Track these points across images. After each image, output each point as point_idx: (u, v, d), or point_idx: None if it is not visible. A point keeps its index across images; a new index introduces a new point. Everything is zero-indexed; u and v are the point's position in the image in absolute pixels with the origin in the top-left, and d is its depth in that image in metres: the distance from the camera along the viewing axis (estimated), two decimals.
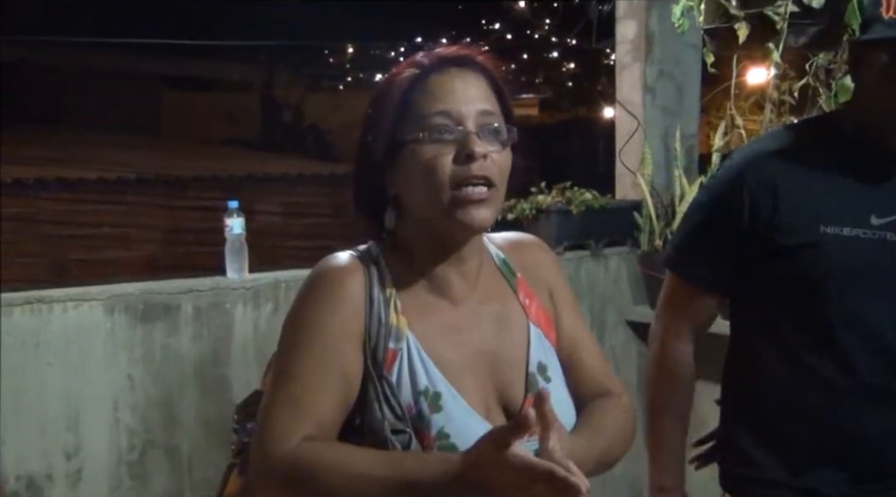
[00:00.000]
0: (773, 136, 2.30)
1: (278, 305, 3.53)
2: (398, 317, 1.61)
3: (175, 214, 12.98)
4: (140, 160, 13.71)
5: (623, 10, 4.60)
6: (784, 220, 2.06)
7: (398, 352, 1.59)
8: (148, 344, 3.34)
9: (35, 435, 3.19)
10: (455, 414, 1.57)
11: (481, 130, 1.59)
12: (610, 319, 4.36)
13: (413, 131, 1.59)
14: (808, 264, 2.05)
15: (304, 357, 1.58)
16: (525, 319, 1.73)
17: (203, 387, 3.43)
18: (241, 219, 3.55)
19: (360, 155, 1.68)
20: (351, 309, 1.60)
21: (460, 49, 1.67)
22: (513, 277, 1.77)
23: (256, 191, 13.01)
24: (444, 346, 1.62)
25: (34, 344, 3.18)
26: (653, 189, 4.33)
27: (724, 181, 2.18)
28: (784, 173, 2.08)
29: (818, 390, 2.09)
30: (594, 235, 4.31)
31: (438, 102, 1.60)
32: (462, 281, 1.67)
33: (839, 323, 2.06)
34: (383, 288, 1.63)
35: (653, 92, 4.49)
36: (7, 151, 12.70)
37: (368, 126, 1.68)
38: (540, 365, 1.70)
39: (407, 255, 1.67)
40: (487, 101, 1.63)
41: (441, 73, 1.63)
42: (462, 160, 1.57)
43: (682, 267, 2.25)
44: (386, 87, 1.66)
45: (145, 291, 3.37)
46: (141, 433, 3.34)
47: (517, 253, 1.81)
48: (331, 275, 1.64)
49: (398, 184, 1.63)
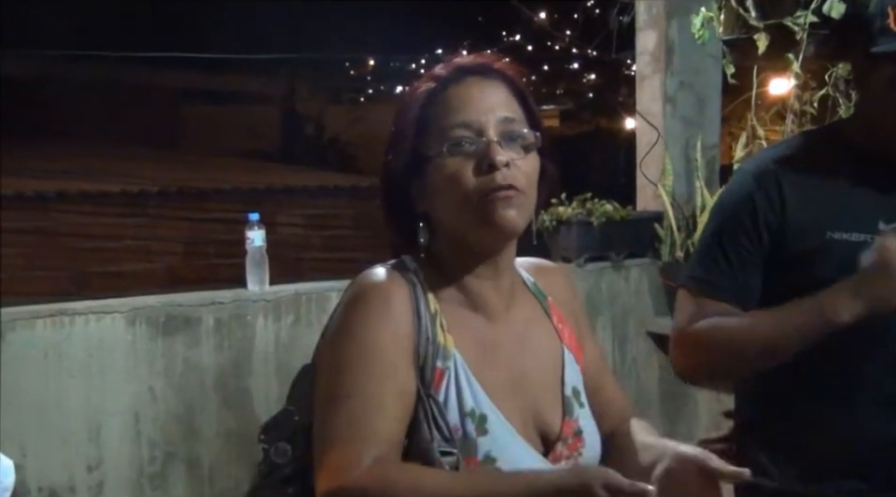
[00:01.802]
0: (780, 146, 2.31)
1: (299, 317, 3.54)
2: (444, 334, 1.58)
3: (197, 226, 13.00)
4: (162, 173, 13.76)
5: (643, 21, 4.60)
6: (792, 226, 2.07)
7: (445, 371, 1.56)
8: (170, 356, 3.35)
9: (57, 447, 3.20)
10: (501, 437, 1.55)
11: (502, 137, 1.57)
12: (632, 330, 4.34)
13: (434, 145, 1.58)
14: (816, 270, 2.05)
15: (359, 375, 1.52)
16: (560, 343, 1.72)
17: (223, 399, 3.44)
18: (262, 231, 3.56)
19: (385, 173, 1.66)
20: (402, 324, 1.56)
21: (478, 58, 1.66)
22: (545, 300, 1.75)
23: (276, 203, 13.02)
24: (485, 365, 1.60)
25: (56, 356, 3.19)
26: (674, 200, 4.32)
27: (736, 191, 2.19)
28: (791, 180, 2.09)
29: (828, 398, 2.09)
30: (615, 247, 4.30)
31: (457, 113, 1.58)
32: (497, 297, 1.65)
33: (848, 332, 2.05)
34: (427, 304, 1.59)
35: (674, 102, 4.48)
36: (30, 165, 12.79)
37: (390, 144, 1.66)
38: (574, 390, 1.69)
39: (441, 270, 1.64)
40: (508, 107, 1.61)
41: (459, 84, 1.61)
42: (485, 170, 1.55)
43: (705, 283, 2.20)
44: (406, 103, 1.64)
45: (166, 303, 3.39)
46: (162, 445, 3.35)
47: (544, 278, 1.80)
48: (378, 288, 1.59)
49: (425, 200, 1.61)
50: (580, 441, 1.65)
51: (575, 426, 1.65)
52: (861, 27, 2.08)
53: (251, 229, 3.57)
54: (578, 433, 1.65)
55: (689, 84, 4.51)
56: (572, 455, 1.63)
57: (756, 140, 3.61)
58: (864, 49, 2.04)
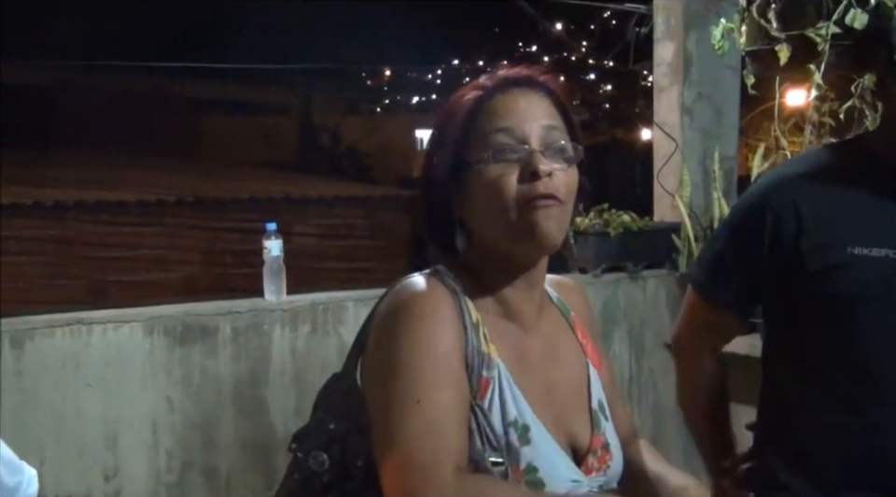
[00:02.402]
0: (799, 160, 2.30)
1: (316, 327, 3.54)
2: (487, 344, 1.57)
3: (214, 236, 13.05)
4: (179, 182, 13.80)
5: (661, 32, 4.60)
6: (810, 242, 2.04)
7: (490, 381, 1.55)
8: (187, 365, 3.35)
9: (75, 456, 3.20)
10: (543, 448, 1.54)
11: (546, 147, 1.57)
12: (648, 341, 4.33)
13: (477, 152, 1.57)
14: (836, 286, 2.02)
15: (426, 380, 1.49)
16: (584, 358, 1.73)
17: (240, 408, 3.44)
18: (279, 241, 3.57)
19: (426, 178, 1.66)
20: (456, 332, 1.54)
21: (523, 70, 1.66)
22: (569, 314, 1.77)
23: (293, 213, 13.06)
24: (523, 375, 1.59)
25: (74, 365, 3.20)
26: (692, 211, 4.31)
27: (748, 205, 2.18)
28: (808, 195, 2.07)
29: (848, 413, 2.07)
30: (632, 258, 4.30)
31: (501, 120, 1.58)
32: (532, 308, 1.65)
33: (868, 345, 2.03)
34: (470, 314, 1.58)
35: (691, 113, 4.48)
36: (49, 174, 12.85)
37: (432, 149, 1.66)
38: (600, 404, 1.70)
39: (476, 279, 1.63)
40: (552, 118, 1.61)
41: (505, 93, 1.61)
42: (527, 178, 1.54)
43: (706, 287, 2.26)
44: (450, 109, 1.64)
45: (183, 312, 3.39)
46: (179, 454, 3.35)
47: (566, 294, 1.81)
48: (426, 296, 1.56)
49: (463, 207, 1.61)
50: (608, 454, 1.65)
51: (603, 439, 1.65)
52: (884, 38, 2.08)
53: (268, 238, 3.57)
54: (606, 446, 1.65)
55: (707, 95, 4.51)
56: (602, 467, 1.63)
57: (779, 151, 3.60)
58: (887, 58, 2.04)
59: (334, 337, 3.55)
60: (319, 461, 1.62)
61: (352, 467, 1.58)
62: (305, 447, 1.64)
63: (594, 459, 1.62)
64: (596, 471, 1.61)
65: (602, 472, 1.63)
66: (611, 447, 1.67)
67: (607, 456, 1.64)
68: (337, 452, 1.61)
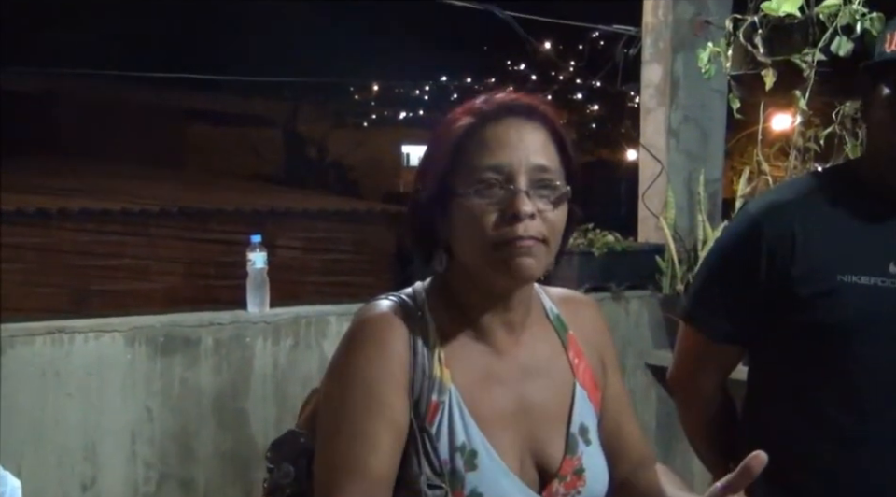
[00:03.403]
0: (790, 186, 2.29)
1: (298, 340, 3.53)
2: (441, 369, 1.56)
3: (197, 247, 13.03)
4: (163, 192, 13.79)
5: (649, 55, 4.62)
6: (801, 269, 2.04)
7: (440, 405, 1.54)
8: (168, 376, 3.34)
9: (53, 465, 3.19)
10: (490, 474, 1.53)
11: (533, 186, 1.53)
12: (630, 362, 4.34)
13: (463, 183, 1.54)
14: (825, 314, 2.03)
15: (351, 410, 1.52)
16: (572, 378, 1.69)
17: (220, 420, 3.43)
18: (263, 253, 3.57)
19: (413, 201, 1.64)
20: (395, 359, 1.55)
21: (521, 98, 1.61)
22: (565, 333, 1.72)
23: (277, 225, 13.06)
24: (484, 398, 1.58)
25: (54, 373, 3.18)
26: (676, 233, 4.32)
27: (740, 233, 2.17)
28: (801, 222, 2.06)
29: (834, 440, 2.07)
30: (615, 278, 4.30)
31: (490, 156, 1.54)
32: (505, 331, 1.63)
33: (856, 373, 2.04)
34: (426, 338, 1.58)
35: (677, 136, 4.50)
36: (32, 181, 12.81)
37: (422, 171, 1.63)
38: (582, 427, 1.66)
39: (452, 300, 1.62)
40: (544, 154, 1.56)
41: (499, 123, 1.56)
42: (508, 219, 1.52)
43: (700, 320, 2.23)
44: (443, 133, 1.60)
45: (166, 323, 3.38)
46: (157, 465, 3.34)
47: (571, 311, 1.76)
48: (373, 324, 1.58)
49: (447, 231, 1.59)
50: (579, 480, 1.62)
51: (577, 464, 1.62)
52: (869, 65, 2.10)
53: (253, 251, 3.57)
54: (579, 471, 1.62)
55: (693, 118, 4.52)
56: (569, 493, 1.61)
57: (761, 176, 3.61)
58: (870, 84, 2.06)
59: (316, 351, 3.55)
60: (285, 473, 1.64)
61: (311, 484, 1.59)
62: (277, 457, 1.67)
63: (560, 484, 1.60)
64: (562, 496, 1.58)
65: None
66: (588, 472, 1.63)
67: (578, 482, 1.61)
68: (303, 466, 1.63)
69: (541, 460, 1.61)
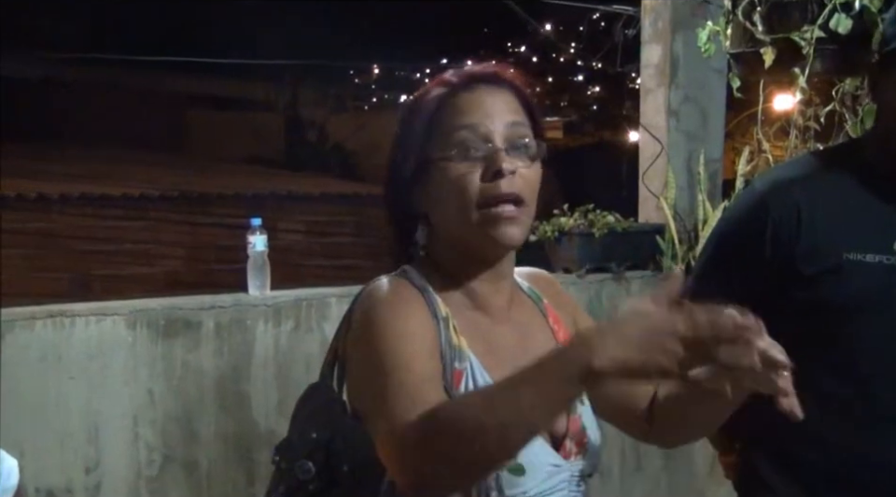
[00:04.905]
0: (796, 163, 2.28)
1: (299, 323, 3.54)
2: (458, 337, 1.58)
3: (198, 231, 13.02)
4: (164, 177, 13.78)
5: (648, 35, 4.61)
6: (806, 247, 2.04)
7: (462, 372, 1.56)
8: (169, 359, 3.35)
9: (55, 448, 3.20)
10: None
11: (509, 144, 1.57)
12: None
13: (440, 148, 1.58)
14: (830, 292, 2.03)
15: (403, 353, 1.48)
16: (555, 342, 1.71)
17: (222, 403, 3.44)
18: (263, 236, 3.57)
19: (390, 174, 1.67)
20: (425, 321, 1.55)
21: (489, 67, 1.66)
22: (541, 302, 1.76)
23: (278, 209, 13.04)
24: (496, 364, 1.59)
25: (55, 357, 3.19)
26: (676, 213, 4.32)
27: (745, 210, 2.16)
28: (807, 200, 2.06)
29: (838, 417, 2.07)
30: (616, 258, 4.30)
31: (464, 117, 1.58)
32: (500, 298, 1.66)
33: (861, 351, 2.04)
34: (438, 308, 1.59)
35: (677, 116, 4.49)
36: (32, 167, 12.80)
37: (396, 145, 1.66)
38: None
39: (444, 274, 1.64)
40: (517, 115, 1.61)
41: (470, 90, 1.61)
42: (490, 177, 1.55)
43: (704, 296, 2.22)
44: (415, 105, 1.65)
45: (167, 306, 3.38)
46: (160, 447, 3.35)
47: (537, 283, 1.81)
48: (394, 293, 1.57)
49: (427, 203, 1.62)
50: (585, 437, 1.65)
51: (580, 422, 1.65)
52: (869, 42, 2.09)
53: (253, 234, 3.57)
54: (582, 429, 1.65)
55: (693, 98, 4.52)
56: (580, 451, 1.63)
57: (761, 154, 3.61)
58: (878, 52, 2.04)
59: (317, 333, 3.55)
60: (305, 470, 1.61)
61: (338, 473, 1.58)
62: (289, 457, 1.64)
63: (571, 443, 1.61)
64: (575, 454, 1.60)
65: (580, 455, 1.62)
66: (588, 430, 1.66)
67: (584, 439, 1.64)
68: (321, 459, 1.61)
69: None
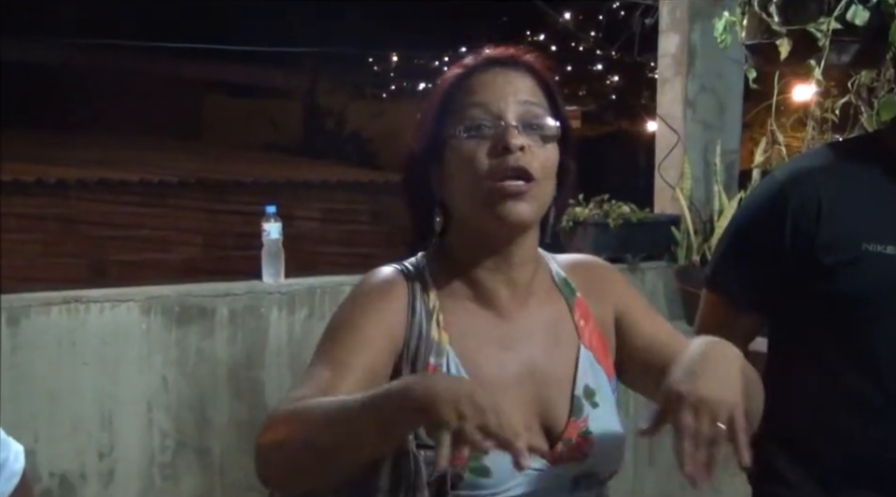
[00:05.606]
0: (815, 154, 2.27)
1: (313, 310, 3.54)
2: (439, 332, 1.58)
3: (215, 218, 13.03)
4: (182, 163, 13.79)
5: (666, 24, 4.59)
6: (825, 237, 2.02)
7: (437, 368, 1.56)
8: (183, 346, 3.36)
9: (69, 434, 3.21)
10: None
11: (521, 123, 1.56)
12: None
13: (452, 127, 1.57)
14: (848, 283, 2.01)
15: (334, 344, 1.57)
16: (577, 341, 1.68)
17: (236, 390, 3.45)
18: (278, 223, 3.58)
19: (407, 158, 1.67)
20: (391, 316, 1.58)
21: (507, 49, 1.65)
22: (572, 297, 1.72)
23: (295, 196, 13.05)
24: (486, 362, 1.59)
25: (70, 343, 3.21)
26: (692, 203, 4.31)
27: (765, 199, 2.15)
28: (827, 190, 2.04)
29: (854, 409, 2.06)
30: (631, 249, 4.29)
31: (476, 95, 1.58)
32: (510, 292, 1.64)
33: (878, 343, 2.03)
34: (426, 301, 1.60)
35: (694, 106, 4.48)
36: (51, 153, 12.84)
37: (416, 128, 1.67)
38: (587, 389, 1.65)
39: (453, 263, 1.64)
40: (533, 95, 1.60)
41: (486, 71, 1.61)
42: (498, 152, 1.54)
43: (722, 286, 2.22)
44: (433, 90, 1.65)
45: (181, 293, 3.40)
46: (174, 434, 3.36)
47: (580, 274, 1.76)
48: (373, 285, 1.63)
49: (441, 186, 1.61)
50: (586, 442, 1.61)
51: (582, 427, 1.62)
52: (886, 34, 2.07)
53: (268, 221, 3.58)
54: (585, 434, 1.61)
55: (710, 88, 4.50)
56: (577, 456, 1.60)
57: (776, 146, 3.59)
58: None
59: None
60: None
61: None
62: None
63: (564, 447, 1.59)
64: (568, 460, 1.57)
65: (577, 461, 1.60)
66: (595, 435, 1.62)
67: (584, 445, 1.61)
68: None
69: (547, 423, 1.61)
